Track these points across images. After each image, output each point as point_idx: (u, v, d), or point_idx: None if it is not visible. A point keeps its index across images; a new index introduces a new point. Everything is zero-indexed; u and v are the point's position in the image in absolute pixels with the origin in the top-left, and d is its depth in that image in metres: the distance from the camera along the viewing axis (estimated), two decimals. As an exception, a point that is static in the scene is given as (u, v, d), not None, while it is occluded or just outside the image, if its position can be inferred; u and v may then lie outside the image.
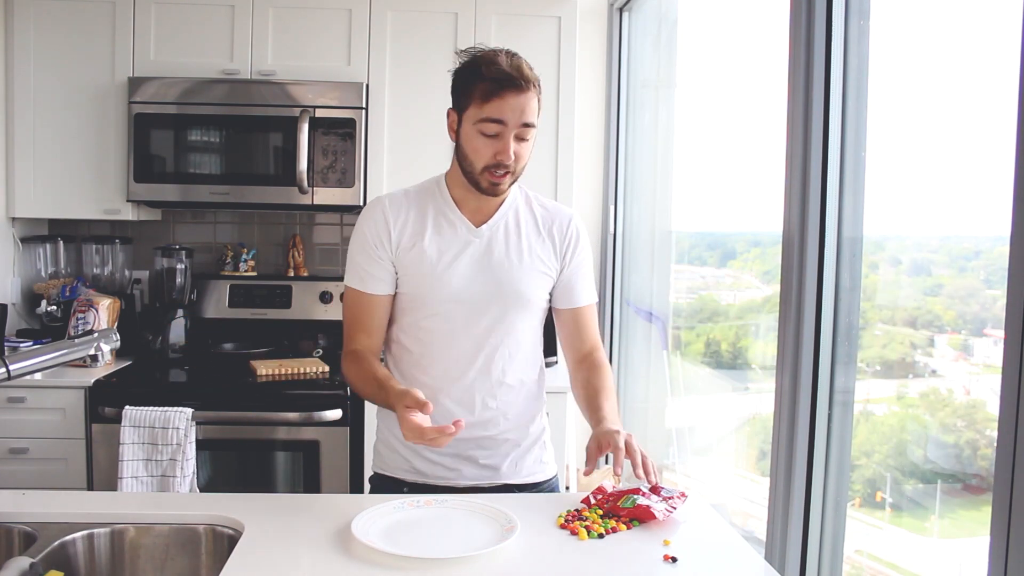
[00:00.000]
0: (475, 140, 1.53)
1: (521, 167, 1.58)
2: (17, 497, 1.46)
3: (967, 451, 1.68)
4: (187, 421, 2.51)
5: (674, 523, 1.42)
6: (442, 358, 1.63)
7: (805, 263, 1.80)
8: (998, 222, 1.27)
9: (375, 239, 1.62)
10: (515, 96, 1.50)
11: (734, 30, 2.77)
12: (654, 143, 3.21)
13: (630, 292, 3.41)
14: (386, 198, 1.66)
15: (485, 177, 1.55)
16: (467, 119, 1.54)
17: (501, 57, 1.52)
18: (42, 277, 3.14)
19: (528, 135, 1.54)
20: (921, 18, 1.80)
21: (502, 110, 1.50)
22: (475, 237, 1.63)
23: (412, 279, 1.62)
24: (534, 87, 1.52)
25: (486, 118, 1.51)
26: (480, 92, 1.51)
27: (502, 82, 1.49)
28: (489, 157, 1.53)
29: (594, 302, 1.75)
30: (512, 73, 1.49)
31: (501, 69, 1.49)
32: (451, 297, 1.61)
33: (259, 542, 1.30)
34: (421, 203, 1.65)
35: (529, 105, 1.51)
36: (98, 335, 1.41)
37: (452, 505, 1.44)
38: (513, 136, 1.52)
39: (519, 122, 1.51)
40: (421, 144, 2.98)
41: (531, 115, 1.52)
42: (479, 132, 1.52)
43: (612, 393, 1.66)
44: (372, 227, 1.63)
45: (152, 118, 2.86)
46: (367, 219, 1.64)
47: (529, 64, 1.54)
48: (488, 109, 1.50)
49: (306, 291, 3.16)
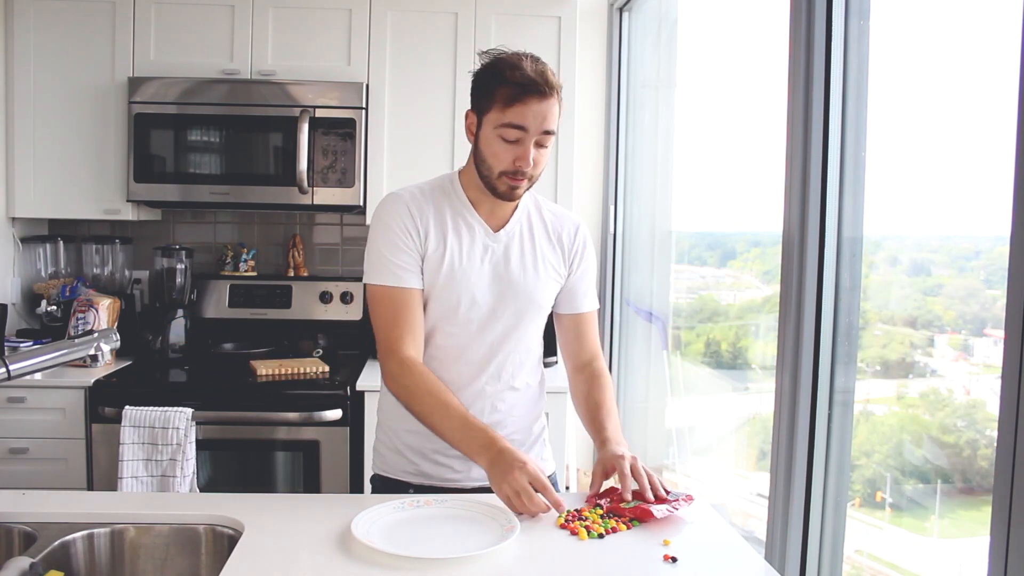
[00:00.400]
0: (495, 145, 1.51)
1: (539, 173, 1.56)
2: (17, 497, 1.46)
3: (967, 451, 1.68)
4: (187, 421, 2.51)
5: (674, 522, 1.42)
6: (455, 363, 1.62)
7: (805, 263, 1.80)
8: (998, 222, 1.27)
9: (403, 231, 1.56)
10: (538, 102, 1.47)
11: (734, 30, 2.77)
12: (654, 143, 3.21)
13: (630, 292, 3.41)
14: (404, 193, 1.61)
15: (503, 181, 1.53)
16: (487, 122, 1.51)
17: (526, 62, 1.49)
18: (42, 277, 3.14)
19: (548, 142, 1.52)
20: (921, 18, 1.80)
21: (524, 116, 1.47)
22: (493, 243, 1.61)
23: (433, 280, 1.58)
24: (557, 94, 1.50)
25: (508, 123, 1.48)
26: (503, 96, 1.48)
27: (526, 87, 1.46)
28: (508, 163, 1.51)
29: (595, 309, 1.75)
30: (536, 79, 1.47)
31: (526, 74, 1.46)
32: (469, 303, 1.59)
33: (259, 542, 1.30)
34: (437, 202, 1.61)
35: (551, 112, 1.49)
36: (98, 335, 1.41)
37: (452, 505, 1.44)
38: (533, 143, 1.50)
39: (540, 129, 1.49)
40: (421, 144, 2.98)
41: (552, 122, 1.50)
42: (499, 137, 1.50)
43: (614, 408, 1.65)
44: (398, 220, 1.57)
45: (152, 118, 2.86)
46: (390, 213, 1.58)
47: (552, 70, 1.52)
48: (510, 114, 1.47)
49: (306, 291, 3.16)
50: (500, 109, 1.48)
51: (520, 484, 1.37)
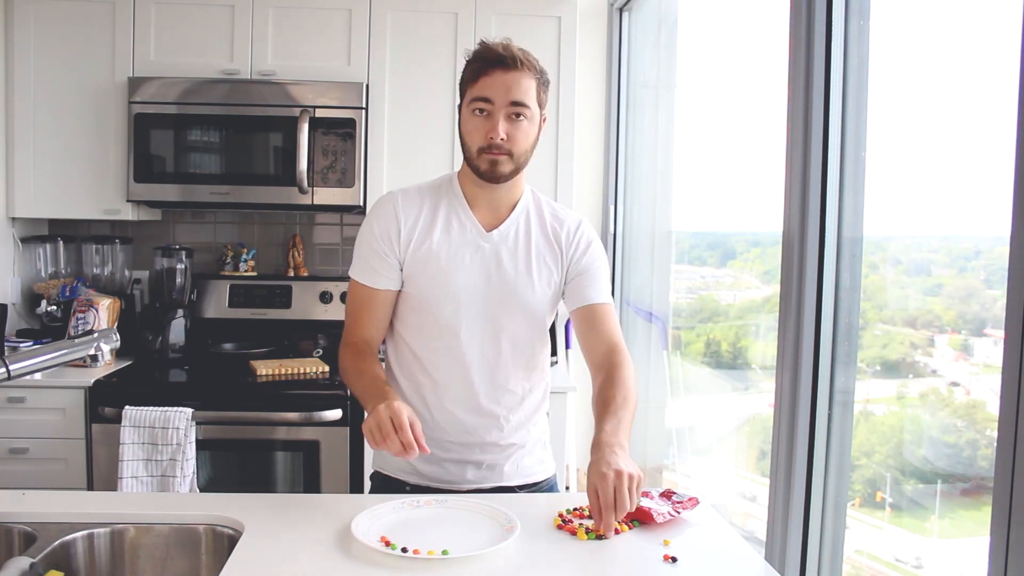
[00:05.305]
0: (468, 122, 1.55)
1: (521, 151, 1.55)
2: (17, 497, 1.46)
3: (967, 451, 1.68)
4: (187, 421, 2.51)
5: (674, 523, 1.42)
6: (447, 363, 1.61)
7: (805, 263, 1.80)
8: (998, 222, 1.27)
9: (383, 235, 1.60)
10: (502, 73, 1.50)
11: (734, 30, 2.77)
12: (654, 143, 3.21)
13: (630, 292, 3.41)
14: (399, 193, 1.64)
15: (483, 159, 1.54)
16: (464, 105, 1.57)
17: (495, 42, 1.54)
18: (42, 277, 3.14)
19: (523, 115, 1.53)
20: (921, 18, 1.80)
21: (488, 87, 1.51)
22: (484, 242, 1.61)
23: (418, 280, 1.60)
24: (527, 68, 1.52)
25: (475, 97, 1.53)
26: (470, 72, 1.54)
27: (489, 60, 1.51)
28: (481, 138, 1.53)
29: (608, 302, 1.67)
30: (501, 52, 1.51)
31: (491, 49, 1.52)
32: (457, 303, 1.58)
33: (259, 542, 1.30)
34: (434, 200, 1.63)
35: (518, 84, 1.51)
36: (98, 335, 1.41)
37: (452, 505, 1.44)
38: (504, 116, 1.51)
39: (507, 100, 1.51)
40: (421, 144, 2.98)
41: (520, 94, 1.51)
42: (471, 114, 1.54)
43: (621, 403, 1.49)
44: (382, 223, 1.61)
45: (152, 118, 2.86)
46: (377, 214, 1.63)
47: (529, 53, 1.55)
48: (476, 88, 1.52)
49: (306, 291, 3.16)
50: (470, 86, 1.54)
51: (380, 418, 1.39)
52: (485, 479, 1.65)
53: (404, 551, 1.23)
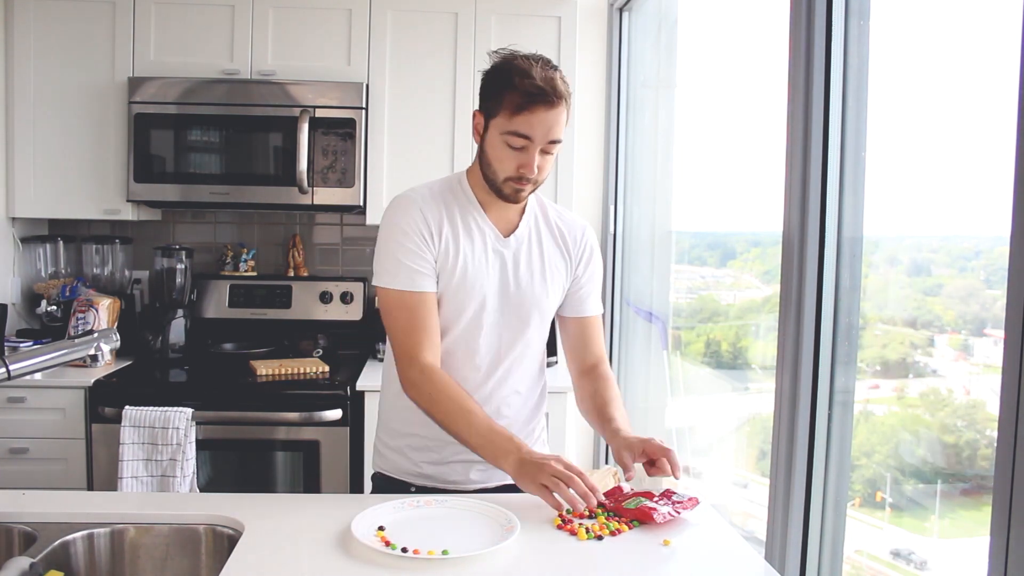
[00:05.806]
0: (500, 150, 1.50)
1: (544, 178, 1.55)
2: (17, 497, 1.46)
3: (967, 451, 1.68)
4: (187, 421, 2.51)
5: (675, 523, 1.42)
6: (462, 368, 1.61)
7: (805, 263, 1.80)
8: (998, 222, 1.27)
9: (417, 234, 1.53)
10: (545, 111, 1.45)
11: (734, 31, 2.77)
12: (654, 143, 3.20)
13: (630, 292, 3.41)
14: (415, 194, 1.58)
15: (508, 185, 1.52)
16: (494, 126, 1.50)
17: (536, 68, 1.47)
18: (42, 277, 3.14)
19: (554, 150, 1.51)
20: (921, 18, 1.80)
21: (531, 125, 1.46)
22: (503, 248, 1.60)
23: (447, 282, 1.56)
24: (565, 101, 1.48)
25: (514, 131, 1.47)
26: (510, 103, 1.46)
27: (534, 96, 1.44)
28: (512, 170, 1.50)
29: (600, 313, 1.74)
30: (545, 87, 1.45)
31: (534, 83, 1.44)
32: (479, 306, 1.58)
33: (259, 542, 1.30)
34: (448, 203, 1.59)
35: (558, 121, 1.48)
36: (98, 335, 1.41)
37: (452, 505, 1.44)
38: (539, 151, 1.49)
39: (546, 139, 1.48)
40: (421, 144, 2.98)
41: (559, 131, 1.49)
42: (505, 143, 1.48)
43: (621, 404, 1.65)
44: (412, 222, 1.53)
45: (152, 118, 2.86)
46: (402, 215, 1.55)
47: (563, 76, 1.50)
48: (516, 122, 1.46)
49: (306, 291, 3.16)
50: (507, 116, 1.46)
51: (555, 469, 1.36)
52: (489, 479, 1.66)
53: (404, 551, 1.23)
